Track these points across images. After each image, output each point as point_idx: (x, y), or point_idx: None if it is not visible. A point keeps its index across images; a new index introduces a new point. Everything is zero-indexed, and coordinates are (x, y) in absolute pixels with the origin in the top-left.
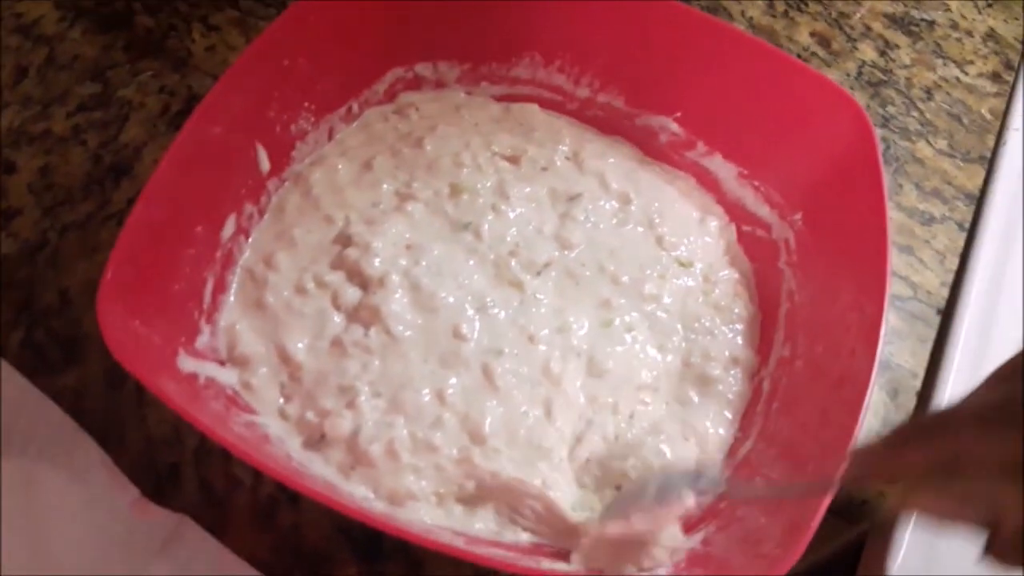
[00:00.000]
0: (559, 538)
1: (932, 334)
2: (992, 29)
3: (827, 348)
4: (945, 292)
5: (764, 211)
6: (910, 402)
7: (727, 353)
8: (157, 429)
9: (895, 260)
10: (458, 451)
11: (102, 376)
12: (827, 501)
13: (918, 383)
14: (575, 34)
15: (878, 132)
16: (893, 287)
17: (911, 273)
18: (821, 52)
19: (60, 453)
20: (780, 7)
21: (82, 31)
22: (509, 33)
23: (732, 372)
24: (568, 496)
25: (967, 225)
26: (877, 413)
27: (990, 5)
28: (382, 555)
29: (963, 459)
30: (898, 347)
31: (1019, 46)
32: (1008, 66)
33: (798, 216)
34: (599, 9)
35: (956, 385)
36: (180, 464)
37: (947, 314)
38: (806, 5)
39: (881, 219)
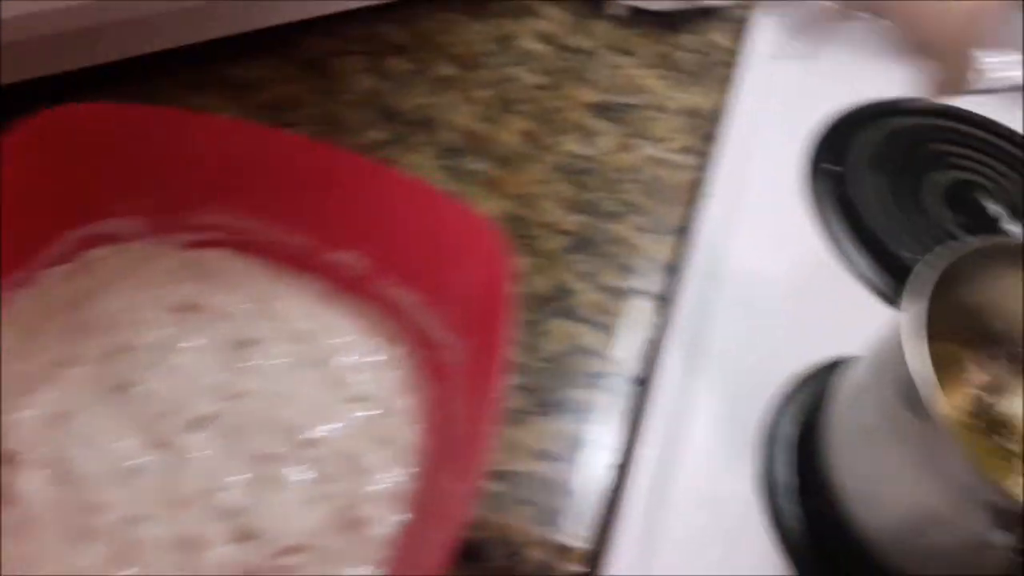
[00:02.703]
0: None
1: (630, 405)
2: (690, 106)
3: (452, 472)
4: (641, 364)
5: (444, 337)
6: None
7: (384, 487)
8: None
9: (592, 339)
10: None
11: None
12: None
13: (615, 456)
14: (261, 179)
15: (580, 219)
16: (592, 365)
17: (607, 349)
18: (529, 148)
19: None
20: (491, 113)
21: None
22: (193, 183)
23: (390, 507)
24: None
25: (664, 296)
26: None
27: (687, 83)
28: None
29: None
30: (596, 424)
31: (716, 118)
32: (706, 138)
33: (469, 342)
34: (277, 154)
35: (652, 449)
36: None
37: (645, 383)
38: (515, 106)
39: (495, 350)
